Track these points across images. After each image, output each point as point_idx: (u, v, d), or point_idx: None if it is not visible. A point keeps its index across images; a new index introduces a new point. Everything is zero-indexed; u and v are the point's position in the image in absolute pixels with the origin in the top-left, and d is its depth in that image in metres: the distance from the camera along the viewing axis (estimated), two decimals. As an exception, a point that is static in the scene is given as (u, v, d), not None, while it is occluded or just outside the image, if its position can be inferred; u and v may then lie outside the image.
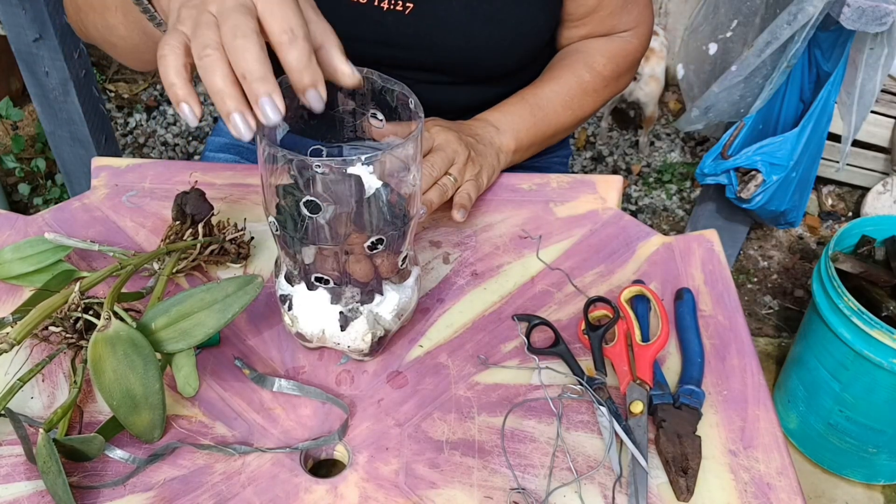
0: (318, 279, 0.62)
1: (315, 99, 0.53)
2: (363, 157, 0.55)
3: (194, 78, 0.58)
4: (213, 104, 2.40)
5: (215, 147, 1.09)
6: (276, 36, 0.52)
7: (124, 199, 0.84)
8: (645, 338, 0.70)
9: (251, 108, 0.51)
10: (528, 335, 0.71)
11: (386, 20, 0.84)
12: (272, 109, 0.51)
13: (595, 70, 0.92)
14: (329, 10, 0.84)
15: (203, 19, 0.52)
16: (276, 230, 0.61)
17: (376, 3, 0.83)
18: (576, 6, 0.91)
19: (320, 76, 0.53)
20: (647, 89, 2.20)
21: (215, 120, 2.28)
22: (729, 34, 1.58)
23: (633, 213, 2.20)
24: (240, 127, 0.51)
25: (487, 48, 0.87)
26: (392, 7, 0.83)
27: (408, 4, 0.83)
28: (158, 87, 2.46)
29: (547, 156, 1.10)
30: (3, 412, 0.59)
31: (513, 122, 0.88)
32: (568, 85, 0.91)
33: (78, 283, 0.64)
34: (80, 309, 0.64)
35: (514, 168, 1.06)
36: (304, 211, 0.57)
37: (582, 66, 0.92)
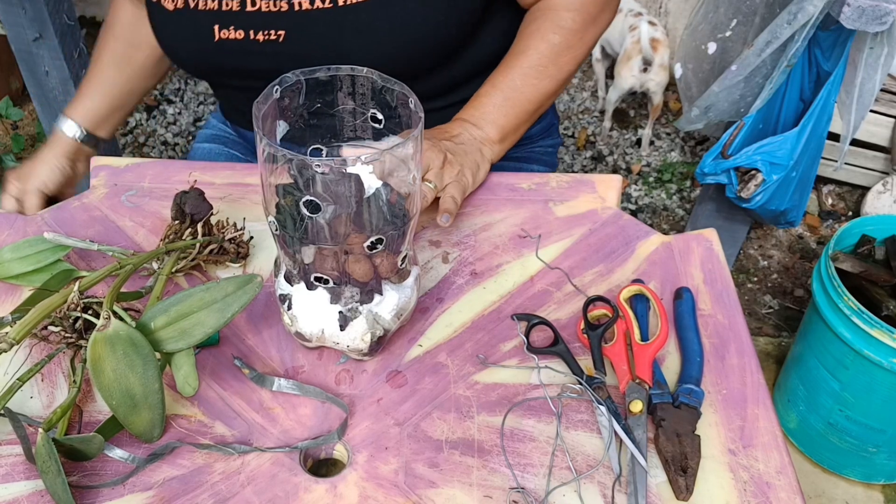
0: (318, 279, 0.62)
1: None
2: (363, 157, 0.55)
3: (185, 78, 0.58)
4: (212, 103, 2.39)
5: (202, 139, 1.11)
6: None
7: (123, 198, 0.84)
8: (644, 337, 0.70)
9: None
10: (527, 334, 0.71)
11: (265, 50, 0.85)
12: None
13: (564, 28, 0.88)
14: (213, 51, 0.87)
15: None
16: (276, 230, 0.61)
17: (252, 37, 0.84)
18: None
19: None
20: (657, 79, 2.20)
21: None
22: (728, 33, 1.58)
23: (634, 213, 2.20)
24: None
25: (367, 60, 0.85)
26: (267, 37, 0.84)
27: (279, 32, 0.84)
28: (158, 86, 2.46)
29: (530, 145, 1.08)
30: (2, 412, 0.59)
31: (489, 114, 0.87)
32: (539, 53, 0.88)
33: (77, 283, 0.64)
34: (79, 308, 0.64)
35: (508, 165, 1.05)
36: (304, 211, 0.57)
37: (549, 28, 0.89)
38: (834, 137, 1.82)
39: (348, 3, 0.82)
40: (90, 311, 0.65)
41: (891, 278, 1.44)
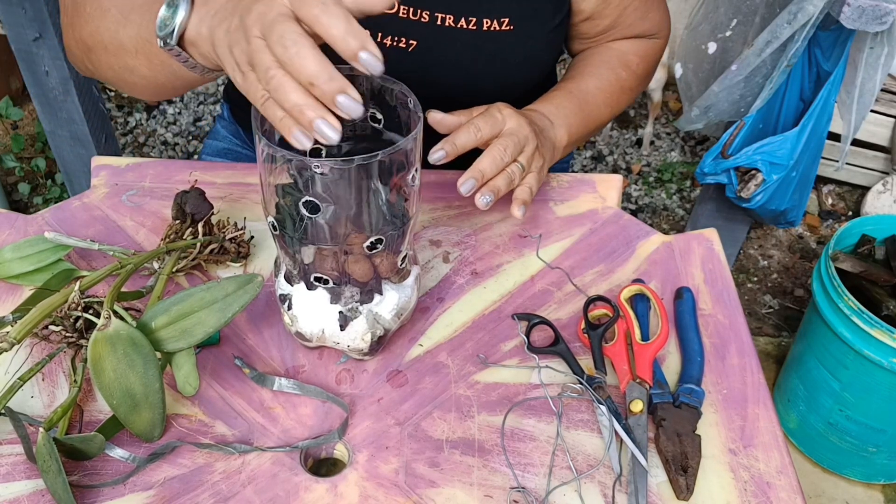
0: (318, 279, 0.63)
1: (370, 61, 0.51)
2: (363, 157, 0.55)
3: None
4: (212, 103, 2.38)
5: (213, 151, 1.09)
6: (309, 12, 0.51)
7: (124, 198, 0.84)
8: (645, 337, 0.70)
9: (329, 110, 0.51)
10: (527, 334, 0.71)
11: (389, 56, 0.83)
12: (351, 104, 0.51)
13: (631, 69, 0.91)
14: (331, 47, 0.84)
15: (253, 47, 0.52)
16: (276, 230, 0.61)
17: (379, 39, 0.83)
18: (591, 26, 0.91)
19: (366, 35, 0.52)
20: (657, 75, 2.21)
21: (214, 119, 2.27)
22: (728, 33, 1.58)
23: (634, 213, 2.20)
24: (326, 132, 0.51)
25: (490, 85, 0.86)
26: (395, 44, 0.83)
27: (411, 42, 0.83)
28: (158, 86, 2.46)
29: None
30: (3, 411, 0.59)
31: (565, 116, 0.85)
32: (608, 81, 0.89)
33: (78, 283, 0.64)
34: (80, 308, 0.64)
35: None
36: (304, 211, 0.57)
37: (618, 63, 0.91)
38: (834, 137, 1.82)
39: (492, 28, 0.82)
40: (91, 311, 0.65)
41: (891, 278, 1.44)
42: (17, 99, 2.26)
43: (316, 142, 0.66)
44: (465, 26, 0.82)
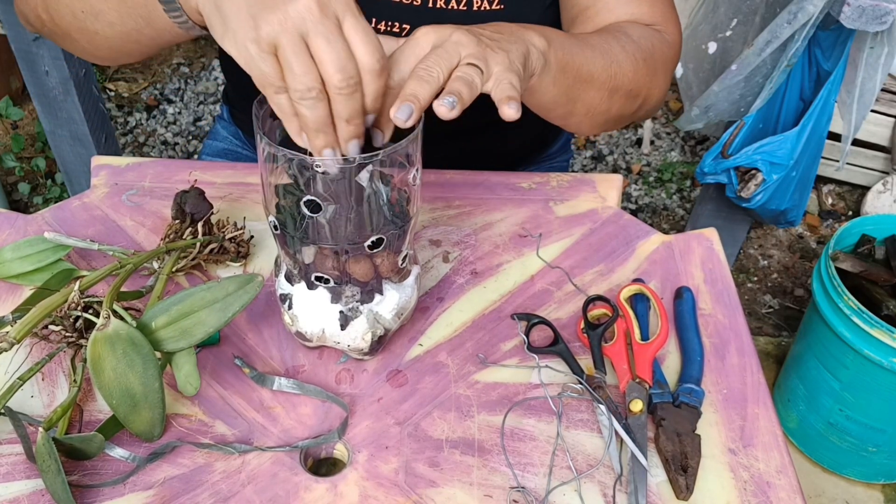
0: (318, 278, 0.63)
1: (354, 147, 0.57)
2: (363, 157, 0.55)
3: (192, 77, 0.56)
4: (212, 103, 2.37)
5: (212, 151, 1.09)
6: (363, 68, 0.54)
7: (124, 197, 0.84)
8: (644, 336, 0.70)
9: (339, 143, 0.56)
10: (527, 334, 0.71)
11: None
12: (356, 149, 0.56)
13: (628, 35, 0.79)
14: None
15: (295, 48, 0.52)
16: (276, 229, 0.61)
17: (373, 24, 0.82)
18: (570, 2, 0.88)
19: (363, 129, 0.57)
20: None
21: (214, 119, 2.27)
22: (728, 33, 1.58)
23: (634, 213, 2.20)
24: (328, 162, 0.56)
25: None
26: (388, 28, 0.83)
27: (404, 26, 0.83)
28: (158, 85, 2.46)
29: (548, 161, 1.10)
30: (2, 411, 0.59)
31: (539, 28, 0.69)
32: (602, 37, 0.77)
33: (77, 282, 0.64)
34: (79, 308, 0.64)
35: (515, 168, 1.06)
36: (304, 210, 0.57)
37: (616, 30, 0.80)
38: (834, 137, 1.82)
39: (482, 8, 0.82)
40: (91, 311, 0.65)
41: (891, 278, 1.44)
42: (17, 99, 2.26)
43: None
44: (455, 7, 0.81)
